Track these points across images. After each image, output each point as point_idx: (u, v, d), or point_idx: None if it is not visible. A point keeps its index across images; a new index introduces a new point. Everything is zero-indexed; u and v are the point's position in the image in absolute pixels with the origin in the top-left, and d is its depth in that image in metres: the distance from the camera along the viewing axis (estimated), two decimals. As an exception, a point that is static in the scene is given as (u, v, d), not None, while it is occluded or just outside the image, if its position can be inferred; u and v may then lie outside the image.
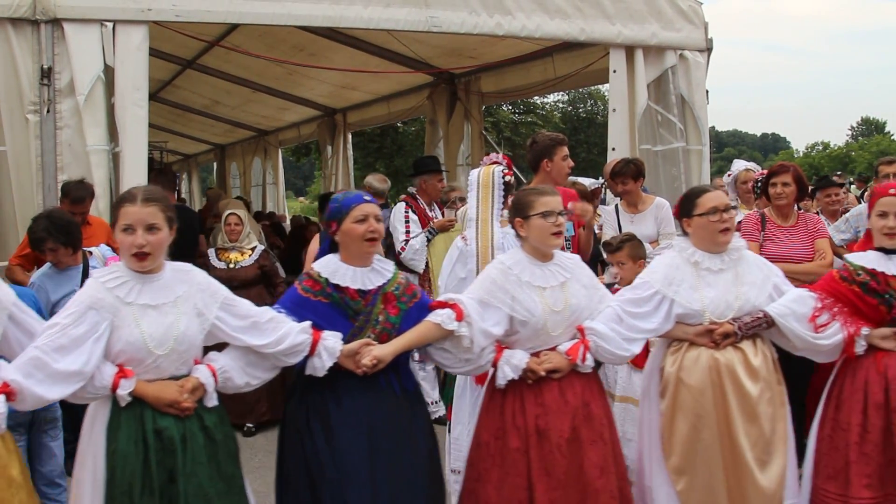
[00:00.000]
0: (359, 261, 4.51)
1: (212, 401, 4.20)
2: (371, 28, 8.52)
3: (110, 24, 7.17)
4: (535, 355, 4.68)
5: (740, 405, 4.78)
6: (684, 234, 5.12)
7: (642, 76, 8.94)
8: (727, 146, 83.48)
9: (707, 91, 9.42)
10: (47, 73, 7.06)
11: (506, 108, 32.59)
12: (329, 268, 4.50)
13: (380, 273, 4.56)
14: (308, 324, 4.35)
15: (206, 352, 4.35)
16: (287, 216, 18.69)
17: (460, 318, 4.51)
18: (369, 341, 4.40)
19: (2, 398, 3.80)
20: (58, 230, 5.94)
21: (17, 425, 5.51)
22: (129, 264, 4.07)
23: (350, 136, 16.86)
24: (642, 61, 8.95)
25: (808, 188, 7.06)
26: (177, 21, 7.55)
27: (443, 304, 4.58)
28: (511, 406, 4.66)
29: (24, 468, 4.13)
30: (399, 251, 8.69)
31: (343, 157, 16.37)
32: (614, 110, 9.05)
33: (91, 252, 6.25)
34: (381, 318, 4.47)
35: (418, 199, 9.02)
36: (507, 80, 12.30)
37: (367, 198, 4.54)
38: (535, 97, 29.97)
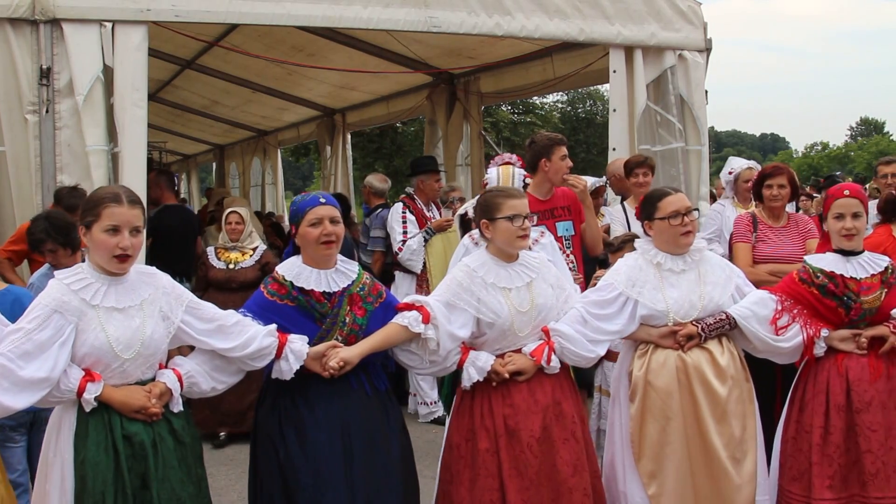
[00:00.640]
0: (320, 263, 4.48)
1: (177, 406, 4.15)
2: (370, 28, 8.51)
3: (109, 25, 7.16)
4: (501, 357, 4.69)
5: (710, 405, 4.80)
6: (646, 235, 5.13)
7: (641, 76, 8.94)
8: (726, 146, 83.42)
9: (706, 91, 9.41)
10: (46, 74, 7.05)
11: (505, 109, 32.61)
12: (293, 271, 4.48)
13: (344, 274, 4.54)
14: (274, 327, 4.33)
15: (170, 356, 4.31)
16: (286, 217, 18.65)
17: (427, 320, 4.51)
18: (336, 343, 4.38)
19: None
20: (57, 231, 5.94)
21: (18, 425, 5.52)
22: (107, 266, 3.97)
23: (349, 137, 16.84)
24: (641, 61, 8.95)
25: (800, 190, 7.05)
26: (176, 21, 7.54)
27: (409, 307, 4.58)
28: (480, 407, 4.68)
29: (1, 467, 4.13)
30: (396, 251, 8.71)
31: (342, 157, 16.36)
32: (614, 110, 9.05)
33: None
34: (347, 319, 4.45)
35: (416, 199, 9.03)
36: (507, 81, 12.30)
37: (322, 200, 4.47)
38: (535, 97, 30.02)
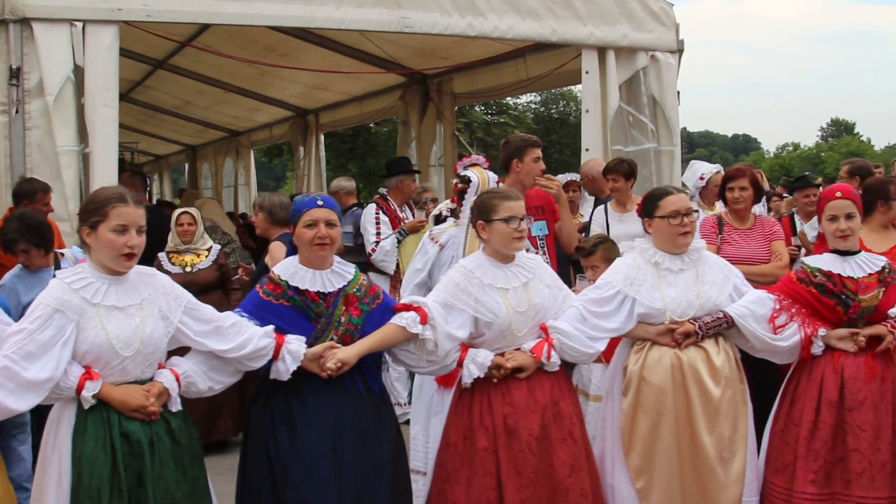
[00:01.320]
0: (315, 264, 4.51)
1: (175, 405, 4.18)
2: (343, 28, 8.52)
3: (80, 24, 7.12)
4: (500, 356, 4.70)
5: (703, 404, 4.82)
6: (646, 233, 5.15)
7: (614, 77, 8.98)
8: (699, 147, 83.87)
9: (678, 92, 9.46)
10: (16, 73, 7.01)
11: (478, 109, 32.60)
12: (289, 270, 4.50)
13: (340, 275, 4.56)
14: (271, 328, 4.35)
15: (168, 356, 4.32)
16: (257, 217, 18.58)
17: (424, 321, 4.52)
18: (333, 344, 4.40)
19: None
20: (30, 231, 5.90)
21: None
22: (114, 264, 4.03)
23: (322, 137, 16.81)
24: (614, 62, 8.99)
25: (765, 191, 7.10)
26: (147, 21, 7.51)
27: (407, 307, 4.59)
28: (479, 406, 4.67)
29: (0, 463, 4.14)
30: (370, 252, 8.70)
31: (315, 157, 16.33)
32: (587, 111, 9.08)
33: (63, 254, 6.20)
34: (343, 319, 4.46)
35: (389, 200, 9.02)
36: (480, 81, 12.32)
37: (320, 202, 4.50)
38: (508, 98, 30.03)
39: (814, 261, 5.09)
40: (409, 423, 8.41)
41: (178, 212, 8.44)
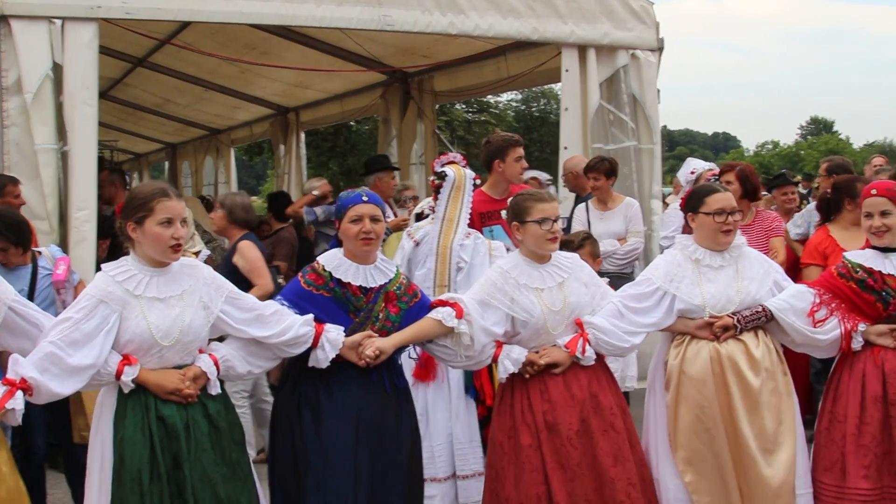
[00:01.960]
0: (360, 258, 4.63)
1: (215, 389, 4.34)
2: (323, 27, 8.49)
3: (59, 22, 7.07)
4: (535, 352, 4.81)
5: (743, 396, 4.87)
6: (688, 227, 5.19)
7: (594, 75, 8.99)
8: (679, 145, 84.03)
9: (658, 90, 9.48)
10: (-6, 71, 6.96)
11: (459, 107, 32.60)
12: (333, 262, 4.63)
13: (383, 272, 4.68)
14: (311, 317, 4.50)
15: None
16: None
17: (460, 316, 4.64)
18: (371, 333, 4.54)
19: (20, 394, 3.90)
20: (8, 229, 5.85)
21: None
22: (162, 256, 4.21)
23: (303, 135, 16.76)
24: (594, 60, 9.00)
25: (756, 187, 7.13)
26: (127, 18, 7.47)
27: (443, 303, 4.72)
28: (520, 404, 4.80)
29: (10, 459, 4.21)
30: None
31: (296, 156, 16.28)
32: (567, 109, 9.10)
33: (41, 252, 6.16)
34: (381, 315, 4.60)
35: (369, 198, 8.99)
36: (461, 79, 12.31)
37: (365, 198, 4.64)
38: (489, 96, 29.98)
39: (855, 256, 5.12)
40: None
41: None
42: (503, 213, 6.69)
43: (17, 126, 7.04)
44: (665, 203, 9.96)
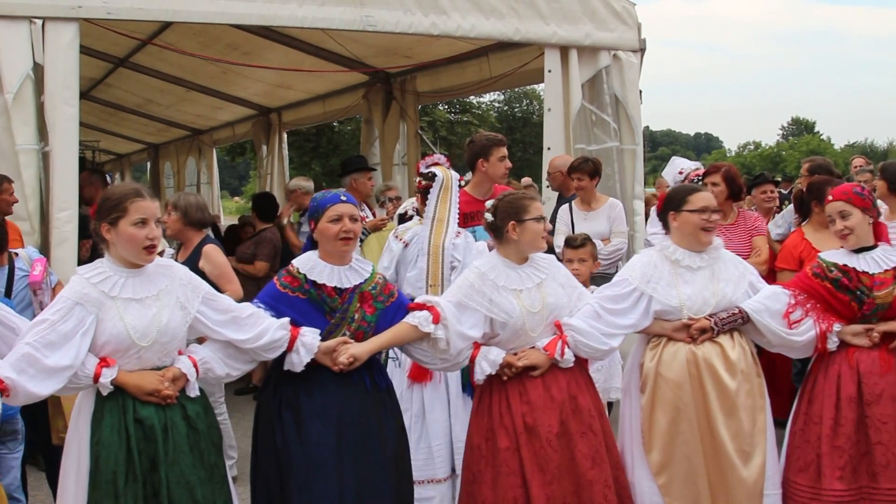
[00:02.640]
0: (336, 259, 4.62)
1: (193, 390, 4.34)
2: (306, 27, 8.47)
3: (40, 21, 7.02)
4: (513, 354, 4.80)
5: (719, 398, 4.89)
6: (665, 228, 5.20)
7: (577, 76, 9.00)
8: (661, 146, 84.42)
9: (640, 91, 9.50)
10: (-26, 71, 6.91)
11: (442, 108, 32.66)
12: (308, 264, 4.62)
13: (357, 272, 4.68)
14: (287, 320, 4.50)
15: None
16: (222, 216, 18.52)
17: (437, 320, 4.63)
18: (346, 339, 4.54)
19: None
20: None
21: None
22: (136, 258, 4.20)
23: (285, 136, 16.75)
24: (577, 61, 9.00)
25: (741, 188, 7.17)
26: (108, 18, 7.43)
27: (420, 306, 4.70)
28: (498, 406, 4.78)
29: None
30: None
31: (278, 156, 16.27)
32: (549, 110, 9.10)
33: (17, 253, 6.13)
34: (357, 316, 4.59)
35: (349, 199, 9.00)
36: (443, 80, 12.30)
37: (343, 198, 4.65)
38: (471, 97, 30.08)
39: (830, 255, 5.16)
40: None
41: None
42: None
43: (-2, 126, 7.00)
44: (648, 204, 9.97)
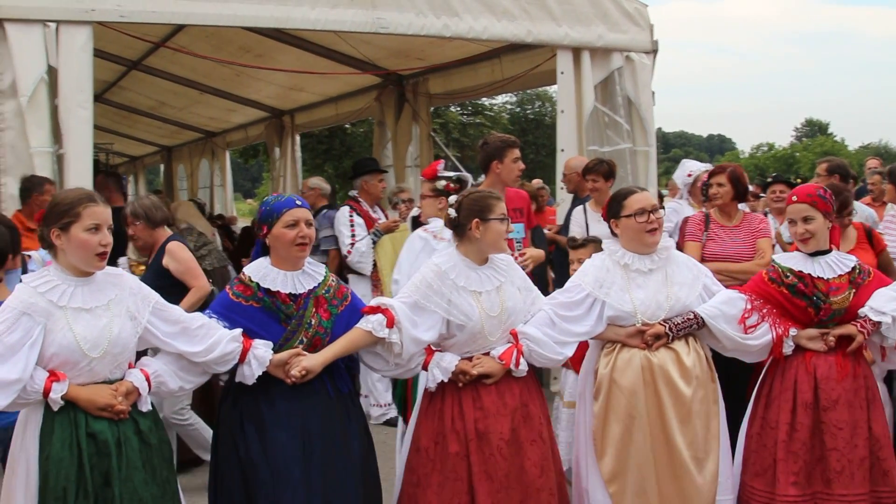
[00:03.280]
0: (289, 265, 4.52)
1: (145, 405, 4.21)
2: (318, 29, 8.48)
3: (53, 25, 7.06)
4: (468, 360, 4.71)
5: (674, 405, 4.85)
6: (613, 235, 5.15)
7: (589, 78, 8.99)
8: (674, 147, 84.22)
9: (653, 92, 9.48)
10: (-11, 75, 6.95)
11: (454, 110, 32.59)
12: (260, 272, 4.51)
13: (311, 276, 4.58)
14: (239, 332, 4.38)
15: (138, 357, 4.36)
16: (236, 218, 18.57)
17: (391, 324, 4.53)
18: (299, 351, 4.43)
19: None
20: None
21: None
22: (87, 265, 4.06)
23: (298, 138, 16.75)
24: (589, 63, 9.00)
25: (747, 188, 7.14)
26: (121, 22, 7.46)
27: (374, 310, 4.59)
28: (450, 410, 4.69)
29: None
30: (346, 254, 8.70)
31: (291, 158, 16.27)
32: (562, 112, 9.10)
33: (30, 256, 6.14)
34: (313, 321, 4.49)
35: (361, 201, 9.04)
36: (455, 82, 12.29)
37: (298, 202, 4.53)
38: (484, 98, 30.03)
39: (785, 260, 5.12)
40: (389, 423, 8.45)
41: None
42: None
43: (13, 129, 7.02)
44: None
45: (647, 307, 4.91)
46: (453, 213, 4.81)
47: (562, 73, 8.99)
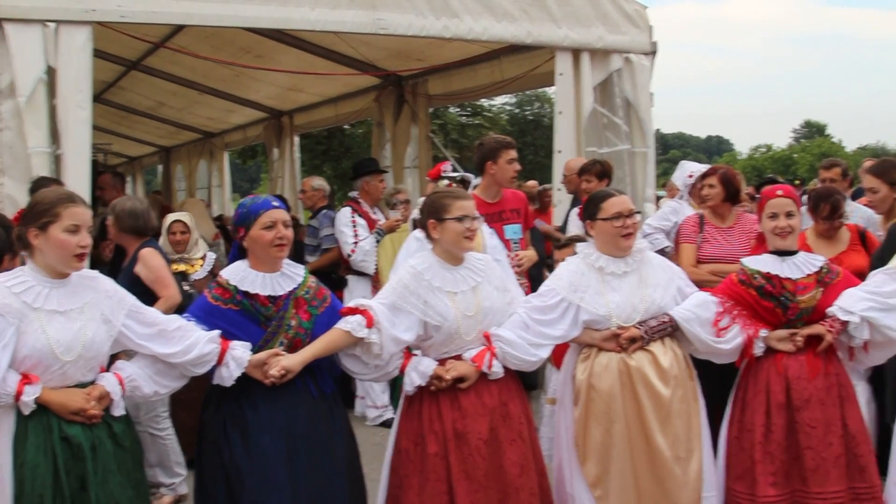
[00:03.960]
0: (267, 266, 4.49)
1: (119, 410, 4.16)
2: (318, 30, 8.49)
3: (53, 25, 7.05)
4: (442, 363, 4.70)
5: (654, 407, 4.85)
6: (588, 236, 5.15)
7: (588, 79, 9.00)
8: (672, 148, 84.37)
9: (652, 94, 9.49)
10: (-12, 74, 6.94)
11: (453, 111, 32.62)
12: (238, 275, 4.48)
13: (290, 278, 4.55)
14: (217, 333, 4.34)
15: (112, 360, 4.30)
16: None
17: (370, 324, 4.51)
18: (278, 351, 4.39)
19: None
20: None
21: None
22: (64, 266, 4.00)
23: (297, 139, 16.75)
24: (588, 64, 9.01)
25: (739, 190, 7.13)
26: (121, 22, 7.45)
27: (353, 311, 4.57)
28: (428, 412, 4.69)
29: None
30: (349, 255, 8.69)
31: (290, 159, 16.27)
32: (560, 113, 9.10)
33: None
34: (293, 323, 4.46)
35: (361, 202, 9.02)
36: (455, 83, 12.30)
37: (275, 203, 4.50)
38: (483, 99, 30.03)
39: (753, 262, 5.13)
40: (384, 424, 8.45)
41: (170, 219, 8.12)
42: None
43: (11, 129, 7.01)
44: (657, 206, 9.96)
45: (623, 310, 4.90)
46: (418, 214, 4.80)
47: (560, 74, 9.00)
